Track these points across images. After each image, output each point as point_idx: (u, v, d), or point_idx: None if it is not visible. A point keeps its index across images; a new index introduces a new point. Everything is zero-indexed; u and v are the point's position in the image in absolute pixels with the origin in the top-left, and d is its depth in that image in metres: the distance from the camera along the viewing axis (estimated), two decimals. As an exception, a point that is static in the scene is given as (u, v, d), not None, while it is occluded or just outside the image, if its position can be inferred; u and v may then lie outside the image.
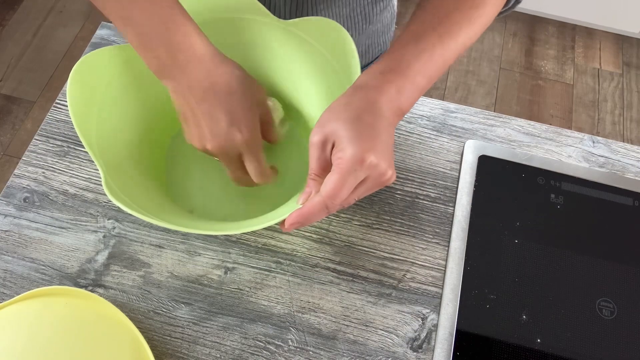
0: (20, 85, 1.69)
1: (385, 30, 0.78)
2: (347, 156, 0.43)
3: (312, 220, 0.45)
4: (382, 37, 0.78)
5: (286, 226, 0.45)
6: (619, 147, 0.67)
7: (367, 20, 0.72)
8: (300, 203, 0.46)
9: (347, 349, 0.54)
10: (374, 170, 0.44)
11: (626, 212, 0.62)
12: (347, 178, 0.43)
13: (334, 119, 0.45)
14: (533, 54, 1.86)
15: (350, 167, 0.43)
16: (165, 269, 0.57)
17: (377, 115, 0.45)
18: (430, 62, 0.48)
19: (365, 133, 0.44)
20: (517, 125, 0.68)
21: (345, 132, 0.44)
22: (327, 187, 0.43)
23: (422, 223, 0.61)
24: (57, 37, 1.79)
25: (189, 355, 0.53)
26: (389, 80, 0.47)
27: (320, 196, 0.44)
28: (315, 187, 0.46)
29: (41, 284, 0.56)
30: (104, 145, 0.53)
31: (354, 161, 0.43)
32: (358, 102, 0.46)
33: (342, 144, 0.44)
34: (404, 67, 0.47)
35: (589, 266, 0.59)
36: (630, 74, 1.83)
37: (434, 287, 0.57)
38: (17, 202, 0.60)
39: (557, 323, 0.56)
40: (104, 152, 0.53)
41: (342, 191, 0.43)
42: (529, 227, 0.61)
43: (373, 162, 0.43)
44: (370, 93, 0.46)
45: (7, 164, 1.55)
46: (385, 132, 0.45)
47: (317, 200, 0.44)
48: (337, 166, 0.43)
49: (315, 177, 0.46)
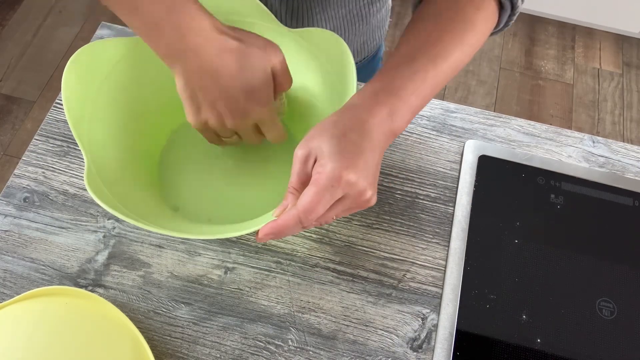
0: (20, 85, 1.69)
1: (380, 25, 0.78)
2: (325, 171, 0.42)
3: (285, 233, 0.44)
4: (376, 32, 0.78)
5: (259, 236, 0.45)
6: (619, 147, 0.67)
7: (363, 21, 0.72)
8: (275, 215, 0.45)
9: (347, 349, 0.54)
10: (352, 189, 0.43)
11: (626, 212, 0.62)
12: (323, 193, 0.42)
13: (320, 135, 0.45)
14: (533, 54, 1.86)
15: (327, 182, 0.42)
16: (165, 269, 0.57)
17: (364, 135, 0.44)
18: (424, 83, 0.48)
19: (347, 150, 0.43)
20: (517, 125, 0.68)
21: (328, 148, 0.43)
22: (302, 201, 0.43)
23: (422, 223, 0.61)
24: (57, 37, 1.79)
25: (189, 355, 0.53)
26: (381, 102, 0.46)
27: (296, 210, 0.43)
28: (292, 201, 0.45)
29: (41, 284, 0.56)
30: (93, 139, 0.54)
31: (332, 177, 0.42)
32: (346, 121, 0.45)
33: (323, 159, 0.43)
34: (397, 88, 0.47)
35: (589, 266, 0.59)
36: (630, 74, 1.83)
37: (434, 287, 0.57)
38: (17, 202, 0.60)
39: (557, 323, 0.56)
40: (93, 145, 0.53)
41: (317, 207, 0.42)
42: (529, 227, 0.61)
43: (351, 179, 0.43)
44: (360, 113, 0.46)
45: (7, 164, 1.55)
46: (370, 153, 0.44)
47: (292, 214, 0.43)
48: (315, 181, 0.43)
49: (294, 190, 0.45)
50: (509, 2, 0.52)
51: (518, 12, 0.53)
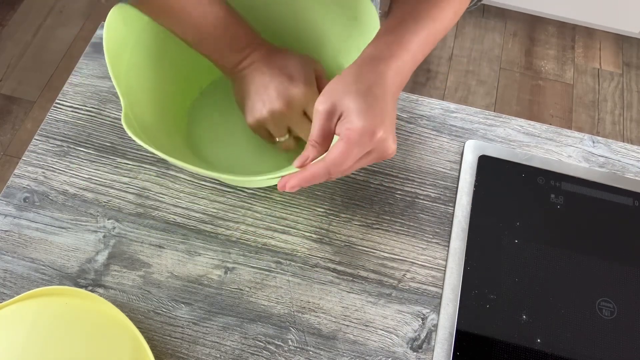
0: (20, 85, 1.69)
1: None
2: (357, 128, 0.44)
3: (312, 182, 0.46)
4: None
5: (287, 187, 0.46)
6: (619, 147, 0.67)
7: None
8: (296, 166, 0.47)
9: (347, 349, 0.54)
10: (381, 145, 0.45)
11: (626, 212, 0.62)
12: (353, 149, 0.44)
13: (343, 90, 0.46)
14: (533, 54, 1.86)
15: (359, 139, 0.44)
16: (165, 269, 0.57)
17: (386, 89, 0.46)
18: (427, 40, 0.51)
19: (376, 107, 0.45)
20: (517, 125, 0.68)
21: (356, 105, 0.45)
22: (332, 155, 0.44)
23: (422, 223, 0.61)
24: (57, 37, 1.79)
25: (189, 355, 0.53)
26: (395, 55, 0.48)
27: (325, 162, 0.45)
28: (313, 153, 0.47)
29: (41, 284, 0.56)
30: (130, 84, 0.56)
31: (364, 133, 0.44)
32: (368, 74, 0.47)
33: (351, 116, 0.45)
34: (407, 42, 0.49)
35: (589, 266, 0.59)
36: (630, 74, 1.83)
37: (434, 287, 0.57)
38: (17, 202, 0.60)
39: (557, 323, 0.56)
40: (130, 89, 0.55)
41: (347, 160, 0.44)
42: (529, 227, 0.61)
43: (382, 137, 0.45)
44: (380, 65, 0.47)
45: (7, 164, 1.55)
46: (392, 106, 0.47)
47: (321, 165, 0.45)
48: (346, 136, 0.44)
49: (315, 144, 0.47)
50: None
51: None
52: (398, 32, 0.50)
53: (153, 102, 0.60)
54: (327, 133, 0.47)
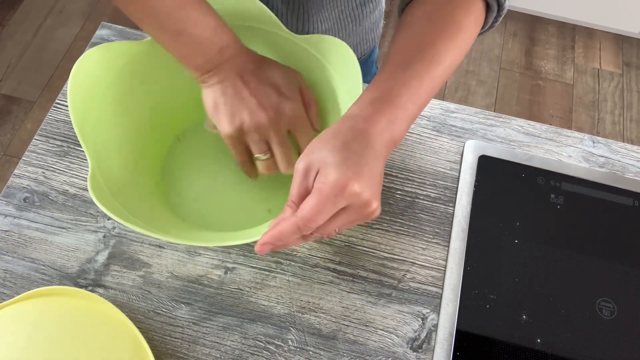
0: (20, 85, 1.69)
1: (374, 27, 0.78)
2: (329, 181, 0.41)
3: (284, 242, 0.43)
4: (370, 34, 0.78)
5: (257, 247, 0.44)
6: (619, 147, 0.67)
7: (356, 22, 0.73)
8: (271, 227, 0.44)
9: (347, 349, 0.54)
10: (356, 199, 0.42)
11: (626, 212, 0.62)
12: (325, 202, 0.41)
13: (320, 147, 0.44)
14: (533, 54, 1.86)
15: (330, 192, 0.41)
16: (165, 269, 0.57)
17: (367, 144, 0.44)
18: (420, 89, 0.47)
19: (351, 159, 0.42)
20: (517, 125, 0.68)
21: (331, 159, 0.43)
22: (302, 209, 0.42)
23: (422, 223, 0.61)
24: (57, 37, 1.79)
25: (189, 355, 0.53)
26: (379, 111, 0.46)
27: (295, 217, 0.42)
28: (290, 214, 0.43)
29: (41, 284, 0.56)
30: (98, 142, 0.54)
31: (335, 186, 0.41)
32: (347, 131, 0.45)
33: (326, 170, 0.42)
34: (395, 96, 0.46)
35: (589, 266, 0.59)
36: (630, 74, 1.83)
37: (434, 287, 0.57)
38: (17, 202, 0.60)
39: (557, 323, 0.56)
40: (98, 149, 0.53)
41: (318, 215, 0.42)
42: (529, 227, 0.61)
43: (356, 190, 0.41)
44: (359, 122, 0.45)
45: (7, 164, 1.55)
46: (373, 162, 0.44)
47: (292, 221, 0.42)
48: (318, 190, 0.42)
49: (292, 204, 0.44)
50: (496, 3, 0.52)
51: (504, 12, 0.54)
52: (385, 86, 0.47)
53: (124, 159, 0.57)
54: (305, 192, 0.44)
